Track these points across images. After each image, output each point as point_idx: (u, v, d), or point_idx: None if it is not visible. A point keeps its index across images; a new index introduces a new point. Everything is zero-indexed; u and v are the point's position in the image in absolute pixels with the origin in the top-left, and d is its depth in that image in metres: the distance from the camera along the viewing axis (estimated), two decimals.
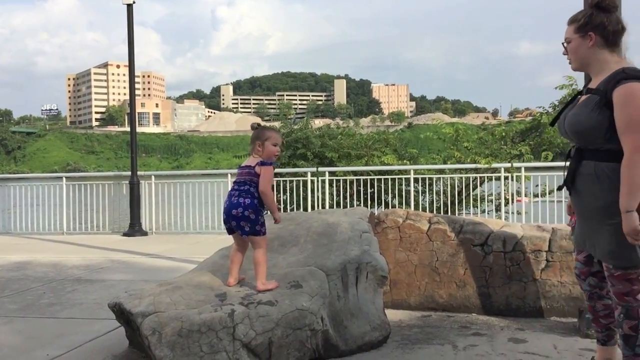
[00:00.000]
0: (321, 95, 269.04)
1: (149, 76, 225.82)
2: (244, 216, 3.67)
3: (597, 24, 2.75)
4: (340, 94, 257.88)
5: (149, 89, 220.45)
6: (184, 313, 3.36)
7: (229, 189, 3.83)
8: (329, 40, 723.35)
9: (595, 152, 2.75)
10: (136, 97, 12.48)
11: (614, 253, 2.72)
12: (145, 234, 11.10)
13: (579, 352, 3.70)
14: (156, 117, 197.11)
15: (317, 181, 10.90)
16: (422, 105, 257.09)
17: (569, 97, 11.91)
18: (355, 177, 11.04)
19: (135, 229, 11.03)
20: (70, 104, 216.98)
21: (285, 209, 11.28)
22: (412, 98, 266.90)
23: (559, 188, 3.11)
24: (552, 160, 11.40)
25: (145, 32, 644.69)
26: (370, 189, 10.79)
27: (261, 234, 3.71)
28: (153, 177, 11.83)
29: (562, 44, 2.91)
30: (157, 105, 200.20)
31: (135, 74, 12.45)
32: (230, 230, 3.81)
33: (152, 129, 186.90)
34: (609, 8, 2.77)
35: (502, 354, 3.70)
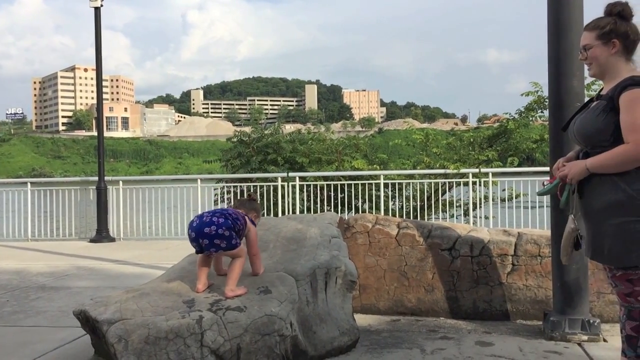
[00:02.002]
0: (292, 101, 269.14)
1: (117, 80, 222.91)
2: (218, 234, 3.59)
3: (622, 32, 2.82)
4: (311, 99, 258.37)
5: (117, 93, 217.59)
6: (151, 320, 3.32)
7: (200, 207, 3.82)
8: (300, 46, 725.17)
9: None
10: (104, 101, 12.31)
11: (615, 253, 2.77)
12: (112, 240, 10.93)
13: (544, 355, 3.76)
14: (125, 121, 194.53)
15: (288, 186, 10.89)
16: (393, 110, 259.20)
17: (535, 104, 12.19)
18: (325, 182, 11.07)
19: (102, 235, 10.86)
20: (36, 107, 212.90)
21: None
22: (382, 104, 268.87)
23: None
24: (518, 166, 11.61)
25: (114, 35, 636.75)
26: (341, 194, 10.83)
27: (238, 246, 3.67)
28: (121, 182, 11.67)
29: (580, 50, 2.97)
30: (125, 109, 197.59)
31: (104, 77, 12.28)
32: (199, 250, 3.69)
33: (120, 133, 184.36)
34: (629, 17, 2.85)
35: (470, 357, 3.74)
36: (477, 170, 10.47)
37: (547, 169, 4.38)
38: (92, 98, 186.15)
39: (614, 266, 2.81)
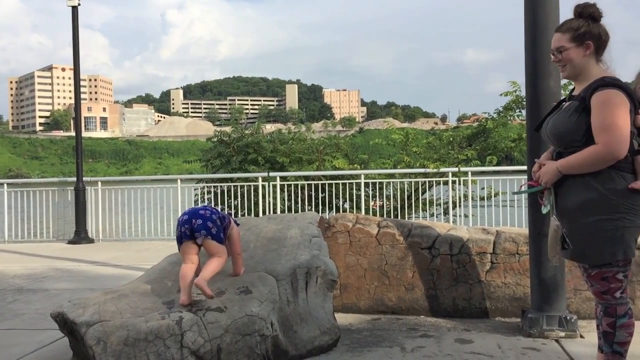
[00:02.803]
0: (273, 100, 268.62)
1: (96, 80, 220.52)
2: (212, 218, 3.65)
3: (595, 34, 2.87)
4: (292, 99, 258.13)
5: (96, 92, 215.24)
6: (130, 321, 3.30)
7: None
8: (280, 46, 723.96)
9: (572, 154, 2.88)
10: (82, 101, 12.18)
11: (589, 252, 2.82)
12: (91, 241, 10.81)
13: (522, 351, 3.81)
14: (104, 121, 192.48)
15: (269, 186, 10.87)
16: (373, 110, 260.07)
17: (513, 104, 12.32)
18: (306, 182, 11.07)
19: (80, 236, 10.74)
20: (12, 107, 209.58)
21: (236, 215, 11.20)
22: (363, 103, 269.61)
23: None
24: (497, 165, 11.73)
25: (93, 34, 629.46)
26: (322, 193, 10.84)
27: (223, 242, 3.66)
28: (99, 183, 11.55)
29: (553, 52, 2.99)
30: (104, 109, 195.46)
31: (82, 77, 12.16)
32: (184, 236, 3.60)
33: (99, 133, 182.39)
34: (599, 18, 2.90)
35: (449, 354, 3.77)
36: (456, 169, 10.56)
37: (525, 167, 4.43)
38: (70, 98, 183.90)
39: (588, 265, 2.86)
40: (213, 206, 11.53)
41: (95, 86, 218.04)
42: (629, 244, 2.77)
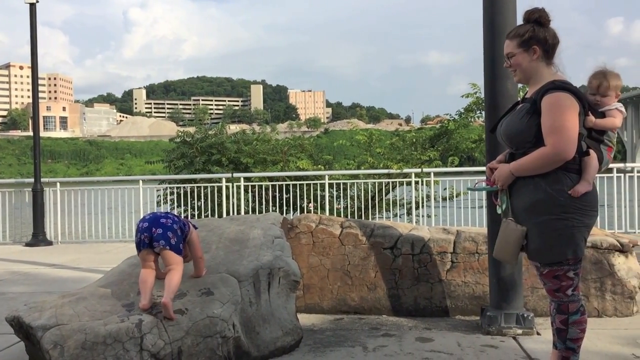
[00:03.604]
0: (238, 101, 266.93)
1: (55, 78, 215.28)
2: (172, 228, 3.57)
3: (541, 38, 2.95)
4: (257, 100, 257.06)
5: (55, 91, 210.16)
6: (88, 325, 3.24)
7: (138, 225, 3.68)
8: (245, 46, 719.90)
9: (523, 155, 2.94)
10: (41, 100, 11.96)
11: (540, 251, 2.89)
12: (49, 243, 10.57)
13: (481, 349, 3.88)
14: (63, 121, 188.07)
15: (232, 187, 10.80)
16: (338, 111, 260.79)
17: (474, 105, 12.54)
18: (270, 183, 11.04)
19: (38, 238, 10.50)
20: None
21: (199, 216, 11.10)
22: (328, 104, 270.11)
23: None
24: (459, 165, 11.92)
25: (52, 32, 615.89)
26: (286, 194, 10.83)
27: (181, 255, 3.60)
28: (58, 184, 11.29)
29: (505, 58, 3.07)
30: (64, 108, 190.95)
31: (41, 76, 11.90)
32: (142, 244, 3.54)
33: (59, 133, 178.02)
34: (546, 22, 2.98)
35: (410, 353, 3.82)
36: (419, 170, 10.69)
37: (485, 168, 4.51)
38: (28, 97, 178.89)
39: (539, 263, 2.94)
40: (176, 207, 11.46)
41: (55, 85, 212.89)
42: (578, 243, 2.86)
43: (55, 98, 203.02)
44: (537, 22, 2.97)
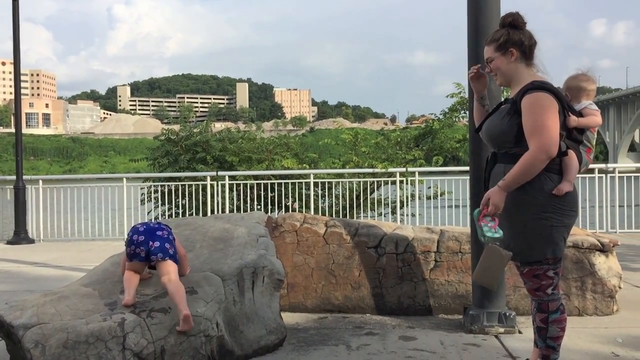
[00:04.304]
0: (223, 99, 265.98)
1: (38, 75, 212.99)
2: (169, 240, 3.58)
3: (517, 41, 2.99)
4: (242, 98, 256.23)
5: (38, 88, 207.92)
6: (70, 324, 3.22)
7: (129, 234, 3.60)
8: (231, 44, 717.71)
9: (505, 155, 2.98)
10: (24, 97, 11.85)
11: (519, 250, 2.92)
12: (32, 241, 10.47)
13: (463, 347, 3.91)
14: (46, 118, 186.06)
15: (217, 185, 10.77)
16: (324, 110, 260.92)
17: (458, 105, 12.61)
18: (255, 182, 11.02)
19: (20, 236, 10.39)
20: None
21: (184, 214, 11.05)
22: (314, 103, 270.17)
23: None
24: (443, 165, 11.98)
25: (35, 28, 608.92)
26: (271, 193, 10.81)
27: (177, 263, 3.59)
28: (41, 181, 11.18)
29: (485, 63, 3.11)
30: (47, 105, 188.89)
31: (23, 72, 11.79)
32: (138, 257, 3.51)
33: (41, 130, 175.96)
34: (521, 25, 3.02)
35: (393, 351, 3.84)
36: (404, 169, 10.73)
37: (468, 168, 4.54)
38: (11, 93, 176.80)
39: (519, 263, 2.98)
40: (160, 206, 11.38)
41: (38, 81, 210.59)
42: (558, 243, 2.90)
43: (38, 94, 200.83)
44: (511, 26, 3.01)
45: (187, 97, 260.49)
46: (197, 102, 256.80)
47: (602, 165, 11.11)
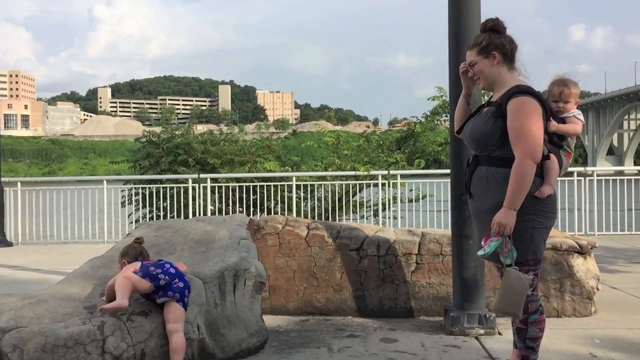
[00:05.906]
0: (205, 101, 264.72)
1: (17, 75, 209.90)
2: (189, 287, 3.51)
3: (498, 44, 3.03)
4: (224, 100, 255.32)
5: (17, 89, 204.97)
6: (48, 327, 3.18)
7: (161, 262, 3.51)
8: (213, 46, 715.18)
9: (488, 157, 3.01)
10: (2, 98, 11.70)
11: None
12: (9, 244, 10.33)
13: (444, 349, 3.94)
14: (25, 119, 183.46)
15: (199, 188, 10.72)
16: (307, 112, 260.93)
17: (440, 108, 12.71)
18: (237, 184, 10.99)
19: None
20: None
21: (165, 217, 10.97)
22: (296, 106, 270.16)
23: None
24: (425, 168, 12.06)
25: (14, 28, 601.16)
26: (253, 195, 10.79)
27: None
28: (19, 183, 11.04)
29: (468, 67, 3.13)
30: (26, 106, 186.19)
31: (1, 72, 11.66)
32: (154, 278, 3.34)
33: (20, 132, 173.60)
34: (502, 29, 3.07)
35: (374, 353, 3.85)
36: (386, 172, 10.77)
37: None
38: None
39: (500, 264, 3.01)
40: (141, 208, 11.29)
41: (17, 82, 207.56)
42: (538, 244, 2.94)
43: (17, 96, 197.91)
44: (492, 30, 3.07)
45: (169, 99, 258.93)
46: (179, 104, 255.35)
47: (581, 169, 11.25)
